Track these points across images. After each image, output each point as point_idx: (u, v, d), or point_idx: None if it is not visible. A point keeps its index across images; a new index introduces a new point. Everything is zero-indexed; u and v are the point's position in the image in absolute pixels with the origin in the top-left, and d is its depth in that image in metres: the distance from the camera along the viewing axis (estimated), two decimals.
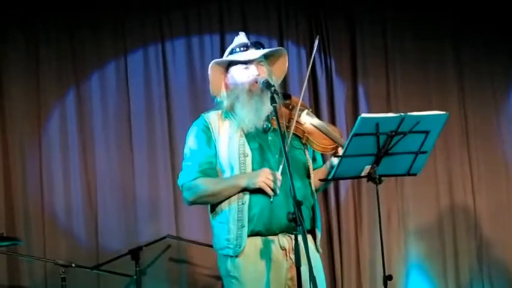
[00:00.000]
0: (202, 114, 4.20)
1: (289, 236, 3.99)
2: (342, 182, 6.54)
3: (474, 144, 6.94)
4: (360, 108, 6.73)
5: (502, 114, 7.04)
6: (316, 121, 4.16)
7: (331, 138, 4.06)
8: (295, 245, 3.64)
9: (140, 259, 5.75)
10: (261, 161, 4.04)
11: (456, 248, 6.77)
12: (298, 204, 3.65)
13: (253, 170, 4.01)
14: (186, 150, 4.17)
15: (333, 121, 6.64)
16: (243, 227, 3.96)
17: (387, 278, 3.84)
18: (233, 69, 4.15)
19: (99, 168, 6.28)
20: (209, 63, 4.14)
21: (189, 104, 6.45)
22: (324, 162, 4.26)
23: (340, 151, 3.93)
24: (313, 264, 3.56)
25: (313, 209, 4.12)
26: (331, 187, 6.54)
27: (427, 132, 3.87)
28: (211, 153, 4.09)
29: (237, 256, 3.98)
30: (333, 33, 6.78)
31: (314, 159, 4.24)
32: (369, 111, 6.58)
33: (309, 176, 4.14)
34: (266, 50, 4.17)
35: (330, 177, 3.97)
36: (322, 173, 4.16)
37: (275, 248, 4.00)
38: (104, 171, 6.28)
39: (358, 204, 6.67)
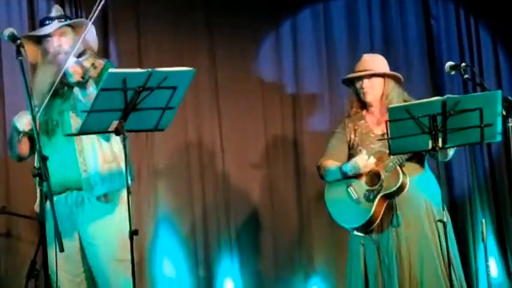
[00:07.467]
0: None
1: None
2: None
3: (223, 100, 7.07)
4: None
5: (250, 73, 7.21)
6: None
7: None
8: None
9: None
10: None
11: (204, 202, 6.90)
12: (43, 159, 3.64)
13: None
14: None
15: None
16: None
17: (133, 233, 3.90)
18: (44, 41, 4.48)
19: None
20: None
21: None
22: None
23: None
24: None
25: None
26: None
27: (174, 88, 3.94)
28: None
29: None
30: None
31: None
32: (121, 68, 6.49)
33: None
34: (62, 23, 4.52)
35: (77, 132, 3.97)
36: None
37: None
38: None
39: None
